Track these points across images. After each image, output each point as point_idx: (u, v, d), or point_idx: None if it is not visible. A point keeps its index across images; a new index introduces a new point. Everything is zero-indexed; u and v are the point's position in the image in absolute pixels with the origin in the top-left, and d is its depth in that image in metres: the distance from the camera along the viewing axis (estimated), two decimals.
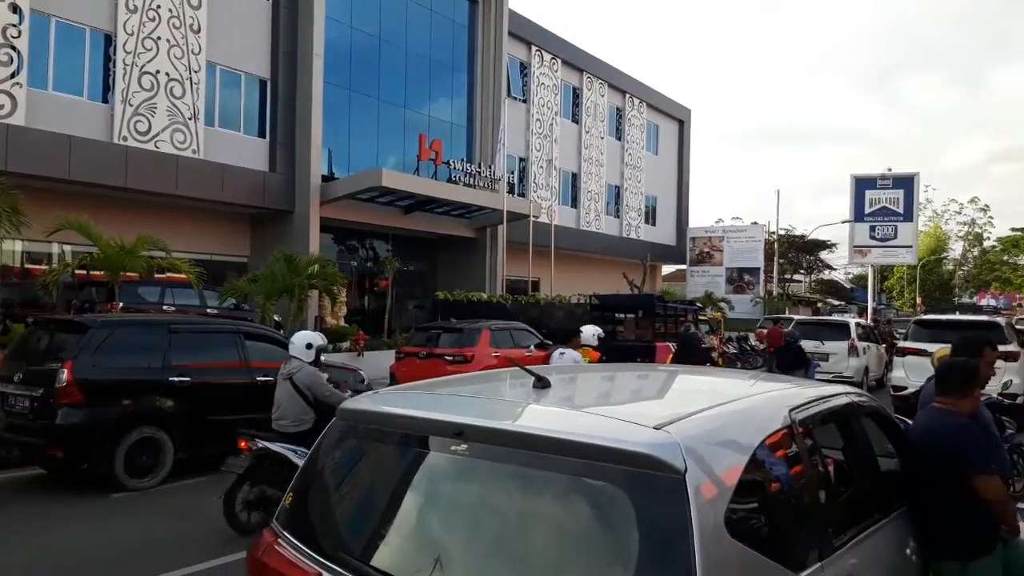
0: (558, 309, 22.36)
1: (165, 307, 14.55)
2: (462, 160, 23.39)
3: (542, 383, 2.79)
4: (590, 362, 8.92)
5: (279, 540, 2.67)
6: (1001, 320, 15.12)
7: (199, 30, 17.71)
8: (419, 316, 22.54)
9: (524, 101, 28.70)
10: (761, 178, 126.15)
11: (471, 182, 22.63)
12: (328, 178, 20.57)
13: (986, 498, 3.25)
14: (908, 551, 3.28)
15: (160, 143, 16.99)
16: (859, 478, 3.37)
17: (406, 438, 2.63)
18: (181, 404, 7.85)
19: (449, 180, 22.24)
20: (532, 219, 24.28)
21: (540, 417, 2.56)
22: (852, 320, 19.44)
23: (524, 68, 28.93)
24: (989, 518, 3.34)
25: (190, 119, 17.56)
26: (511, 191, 25.73)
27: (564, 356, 8.98)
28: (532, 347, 14.02)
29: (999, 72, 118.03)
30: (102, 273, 13.57)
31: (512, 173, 27.01)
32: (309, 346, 6.70)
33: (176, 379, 7.87)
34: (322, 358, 6.85)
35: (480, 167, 23.26)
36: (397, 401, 2.97)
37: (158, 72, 16.97)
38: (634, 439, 2.15)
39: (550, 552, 2.21)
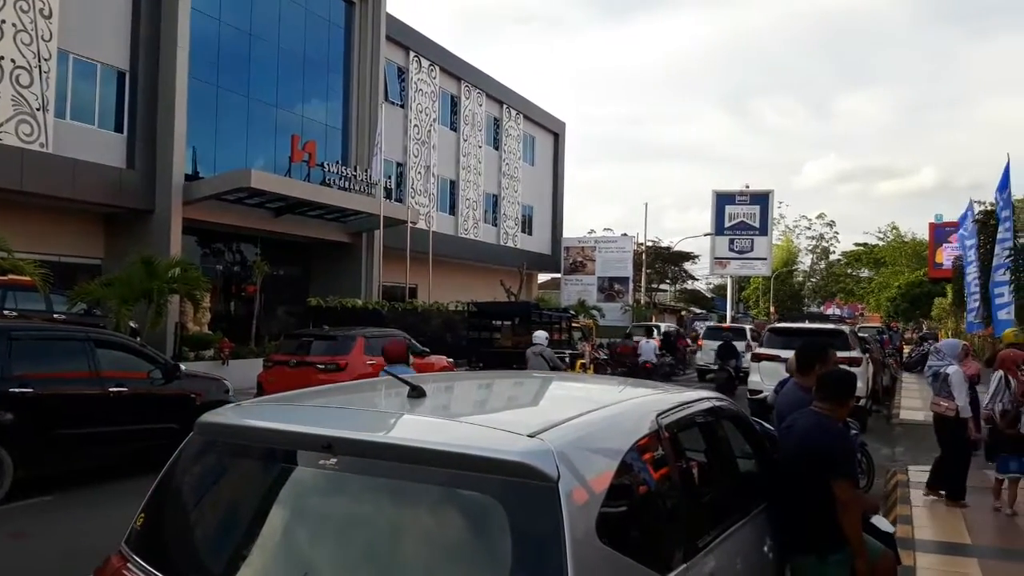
0: (436, 316, 22.29)
1: (6, 312, 13.35)
2: (337, 163, 22.88)
3: (417, 392, 2.74)
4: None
5: (128, 565, 2.48)
6: (846, 328, 16.41)
7: (50, 15, 16.41)
8: (290, 323, 21.80)
9: (402, 106, 28.46)
10: (631, 191, 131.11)
11: (346, 186, 22.17)
12: (192, 177, 19.57)
13: (841, 499, 3.45)
14: (765, 548, 3.45)
15: (4, 135, 15.58)
16: (721, 480, 3.52)
17: (271, 453, 2.50)
18: (22, 417, 7.19)
19: (323, 183, 21.69)
20: (410, 225, 24.08)
21: (413, 428, 2.51)
22: (747, 326, 25.23)
23: (402, 73, 28.70)
24: None
25: (38, 110, 16.22)
26: (388, 196, 25.37)
27: (649, 343, 18.37)
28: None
29: (845, 98, 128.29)
30: None
31: (389, 178, 26.68)
32: (547, 337, 12.21)
33: (16, 390, 7.20)
34: (182, 367, 6.51)
35: (356, 171, 22.83)
36: (262, 414, 2.83)
37: (2, 59, 15.56)
38: (509, 448, 2.15)
39: (423, 565, 2.16)
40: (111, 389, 7.95)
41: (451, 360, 15.87)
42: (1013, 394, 7.50)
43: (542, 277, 44.13)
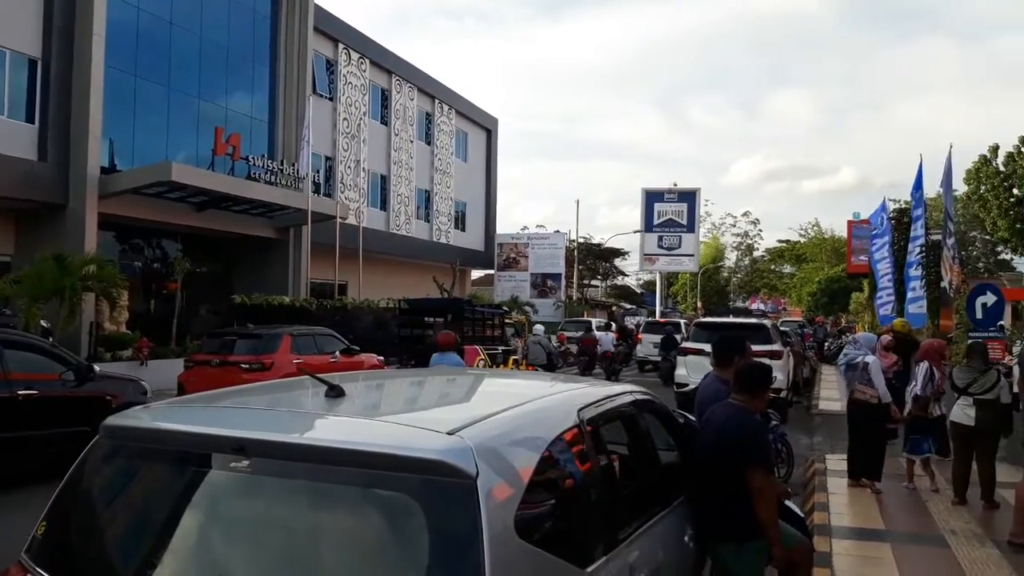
0: (367, 313, 21.99)
1: None
2: (263, 156, 22.29)
3: (335, 392, 2.68)
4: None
5: None
6: (768, 322, 16.93)
7: None
8: (213, 322, 21.17)
9: (330, 99, 27.96)
10: (564, 188, 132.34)
11: (273, 180, 21.64)
12: (109, 170, 18.80)
13: (755, 488, 3.55)
14: (686, 538, 3.51)
15: None
16: (642, 472, 3.57)
17: (182, 456, 2.41)
18: None
19: (248, 177, 21.12)
20: (339, 220, 23.70)
21: (330, 428, 2.46)
22: (682, 320, 27.82)
23: (331, 65, 28.19)
24: None
25: None
26: (316, 191, 24.91)
27: (608, 335, 21.10)
28: (338, 353, 13.65)
29: (772, 99, 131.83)
30: None
31: (318, 172, 26.17)
32: (543, 329, 19.81)
33: None
34: (97, 368, 6.28)
35: (283, 165, 22.31)
36: (172, 415, 2.73)
37: None
38: (426, 446, 2.13)
39: (340, 568, 2.13)
40: (20, 392, 7.58)
41: (381, 358, 15.70)
42: (935, 383, 7.90)
43: (475, 273, 44.12)
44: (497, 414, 2.50)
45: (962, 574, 5.39)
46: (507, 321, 22.71)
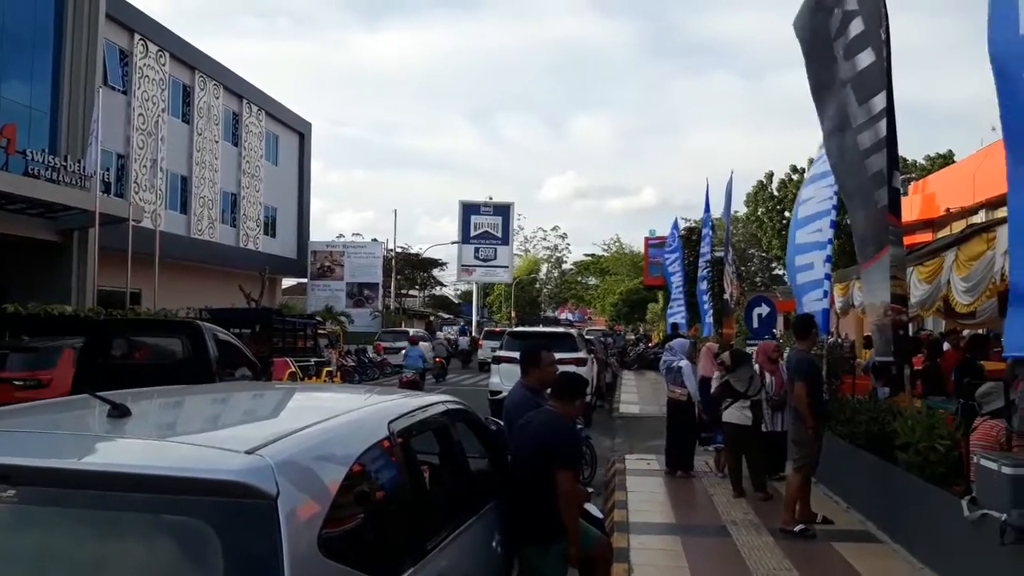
0: None
1: None
2: (43, 151, 20.09)
3: (119, 411, 2.47)
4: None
5: None
6: (574, 331, 17.79)
7: None
8: None
9: (124, 92, 25.79)
10: (385, 197, 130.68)
11: (55, 177, 19.58)
12: None
13: (564, 490, 3.72)
14: (494, 543, 3.60)
15: None
16: (452, 480, 3.61)
17: None
18: None
19: (26, 173, 18.93)
20: (132, 223, 21.85)
21: (112, 451, 2.28)
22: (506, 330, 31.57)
23: (125, 56, 26.03)
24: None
25: None
26: (106, 191, 22.79)
27: (464, 339, 34.92)
28: None
29: (580, 119, 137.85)
30: None
31: (108, 171, 23.94)
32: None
33: None
34: None
35: (67, 161, 20.25)
36: None
37: None
38: (222, 466, 2.03)
39: None
40: None
41: None
42: (770, 389, 8.14)
43: (287, 282, 42.46)
44: (301, 430, 2.43)
45: (741, 560, 5.93)
46: (320, 332, 22.08)
